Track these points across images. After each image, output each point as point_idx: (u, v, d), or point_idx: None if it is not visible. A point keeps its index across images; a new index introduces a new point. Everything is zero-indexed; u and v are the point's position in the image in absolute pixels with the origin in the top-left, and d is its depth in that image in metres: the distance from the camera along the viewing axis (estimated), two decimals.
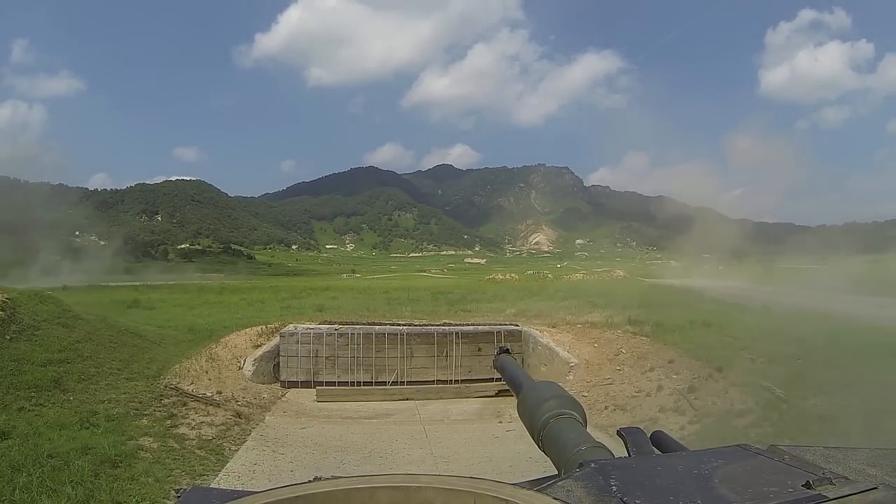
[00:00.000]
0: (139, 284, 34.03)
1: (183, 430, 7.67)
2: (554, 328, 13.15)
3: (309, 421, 9.30)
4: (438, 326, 13.04)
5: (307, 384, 11.48)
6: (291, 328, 12.44)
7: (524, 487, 0.75)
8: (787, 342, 9.65)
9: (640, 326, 12.41)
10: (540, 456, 1.11)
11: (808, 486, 0.75)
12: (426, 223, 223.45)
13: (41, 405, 7.38)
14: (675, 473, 0.86)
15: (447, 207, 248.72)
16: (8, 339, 8.76)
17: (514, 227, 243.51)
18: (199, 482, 5.97)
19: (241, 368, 11.04)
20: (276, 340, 12.05)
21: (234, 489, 0.82)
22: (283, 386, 11.48)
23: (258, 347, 11.84)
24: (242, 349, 11.70)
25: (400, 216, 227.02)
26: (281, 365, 11.76)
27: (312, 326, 12.69)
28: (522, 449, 6.10)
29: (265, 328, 12.65)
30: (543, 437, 1.09)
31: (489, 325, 13.55)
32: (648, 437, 1.12)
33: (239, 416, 8.75)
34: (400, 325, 13.24)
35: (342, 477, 0.77)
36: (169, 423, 7.75)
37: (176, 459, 6.49)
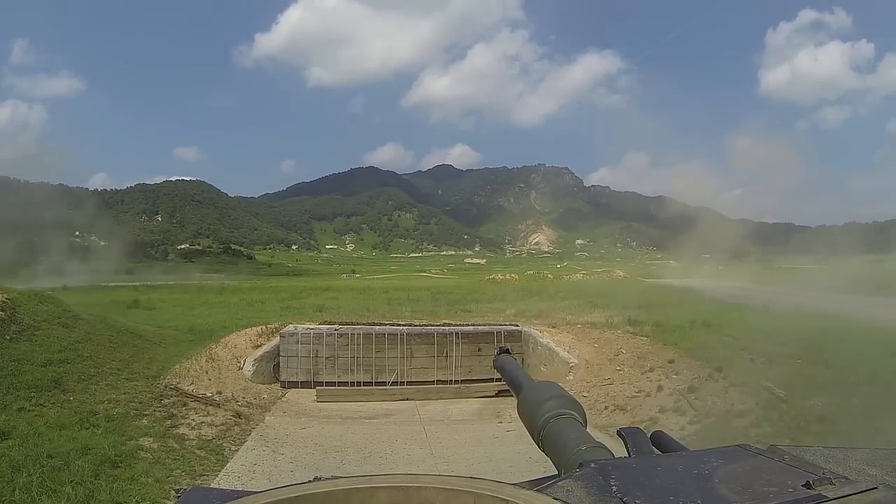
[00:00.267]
0: (139, 285, 34.01)
1: (183, 430, 7.67)
2: (554, 328, 13.15)
3: (309, 421, 9.30)
4: (438, 327, 13.04)
5: (307, 384, 11.49)
6: (291, 328, 12.43)
7: (524, 487, 0.75)
8: (786, 342, 9.64)
9: (640, 327, 12.40)
10: (540, 456, 1.11)
11: (808, 486, 0.75)
12: (426, 223, 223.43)
13: (41, 405, 7.38)
14: (675, 473, 0.85)
15: (447, 207, 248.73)
16: (8, 339, 8.76)
17: (514, 227, 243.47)
18: (199, 482, 5.97)
19: (241, 369, 11.04)
20: (276, 341, 12.05)
21: (234, 489, 0.82)
22: (283, 386, 11.48)
23: (258, 348, 11.84)
24: (242, 349, 11.70)
25: (400, 216, 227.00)
26: (281, 365, 11.75)
27: (312, 327, 12.69)
28: (522, 449, 6.10)
29: (265, 328, 12.65)
30: (543, 437, 1.08)
31: (489, 325, 13.55)
32: (648, 437, 1.11)
33: (239, 416, 8.75)
34: (400, 325, 13.24)
35: (342, 477, 0.77)
36: (169, 423, 7.75)
37: (176, 459, 6.49)
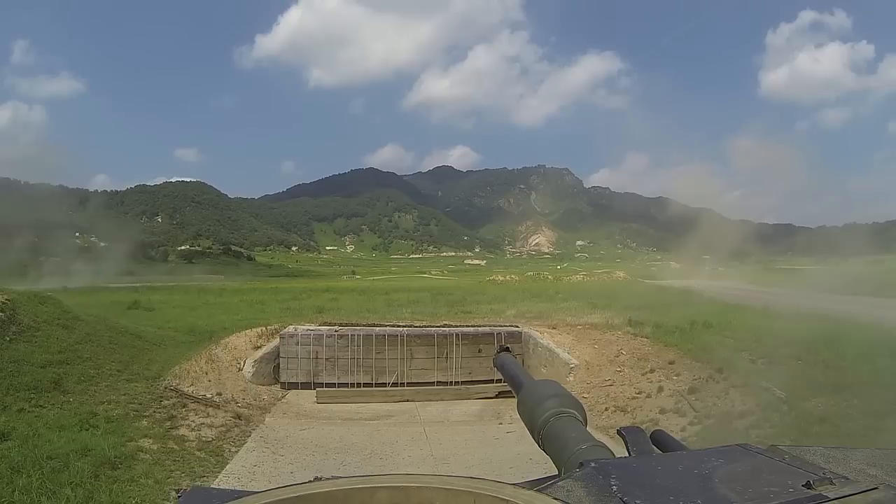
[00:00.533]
0: (139, 285, 34.03)
1: (183, 431, 7.66)
2: (554, 329, 13.12)
3: (309, 422, 9.28)
4: (438, 328, 13.01)
5: (307, 385, 11.46)
6: (291, 329, 12.41)
7: (524, 487, 0.75)
8: (787, 343, 9.60)
9: (640, 328, 12.37)
10: (541, 458, 1.10)
11: (808, 486, 0.75)
12: (426, 224, 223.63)
13: (41, 406, 7.37)
14: (675, 473, 0.85)
15: (447, 209, 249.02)
16: (7, 340, 8.75)
17: (514, 228, 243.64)
18: (198, 484, 5.95)
19: (241, 370, 11.02)
20: (276, 342, 12.02)
21: (234, 489, 0.82)
22: (283, 387, 11.45)
23: (258, 349, 11.81)
24: (242, 350, 11.68)
25: (400, 217, 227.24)
26: (281, 366, 11.74)
27: (312, 328, 12.67)
28: (523, 450, 6.09)
29: (265, 329, 12.62)
30: (543, 435, 1.08)
31: (489, 326, 13.53)
32: (648, 436, 1.12)
33: (239, 417, 8.74)
34: (400, 326, 13.21)
35: (342, 477, 0.77)
36: (169, 424, 7.73)
37: (176, 461, 6.48)
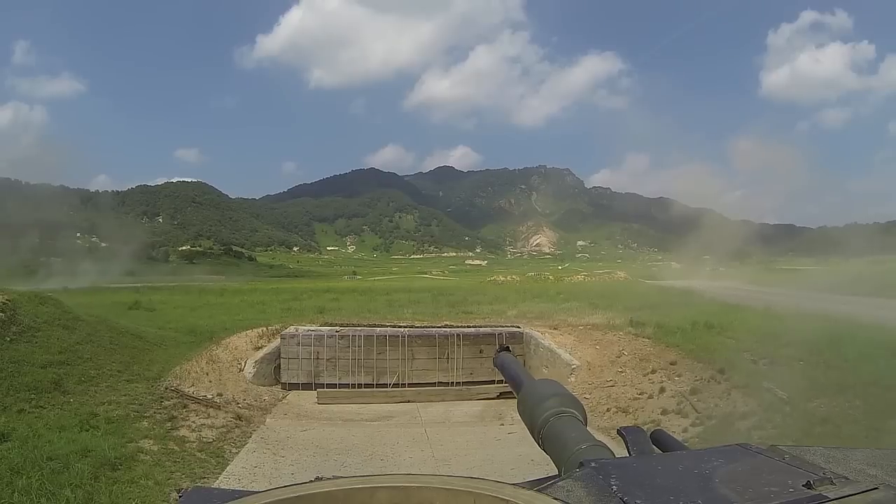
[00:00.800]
0: (140, 286, 34.05)
1: (183, 432, 7.65)
2: (555, 330, 13.09)
3: (310, 423, 9.27)
4: (440, 328, 12.99)
5: (308, 386, 11.45)
6: (292, 330, 12.40)
7: (524, 487, 0.75)
8: (788, 344, 9.57)
9: (641, 328, 12.34)
10: (542, 459, 1.09)
11: (808, 485, 0.75)
12: (427, 225, 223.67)
13: (41, 407, 7.36)
14: (675, 473, 0.85)
15: (448, 209, 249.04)
16: (8, 340, 8.74)
17: (515, 228, 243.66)
18: (199, 485, 5.94)
19: (241, 370, 11.01)
20: (276, 342, 12.01)
21: (235, 489, 0.81)
22: (283, 388, 11.44)
23: (259, 349, 11.80)
24: (243, 351, 11.67)
25: (401, 218, 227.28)
26: (282, 367, 11.72)
27: (313, 328, 12.66)
28: (524, 451, 6.07)
29: (266, 330, 12.61)
30: (544, 435, 1.07)
31: (490, 326, 13.50)
32: (649, 436, 1.11)
33: (239, 418, 8.73)
34: (401, 326, 13.19)
35: (343, 477, 0.77)
36: (169, 425, 7.73)
37: (176, 462, 6.47)
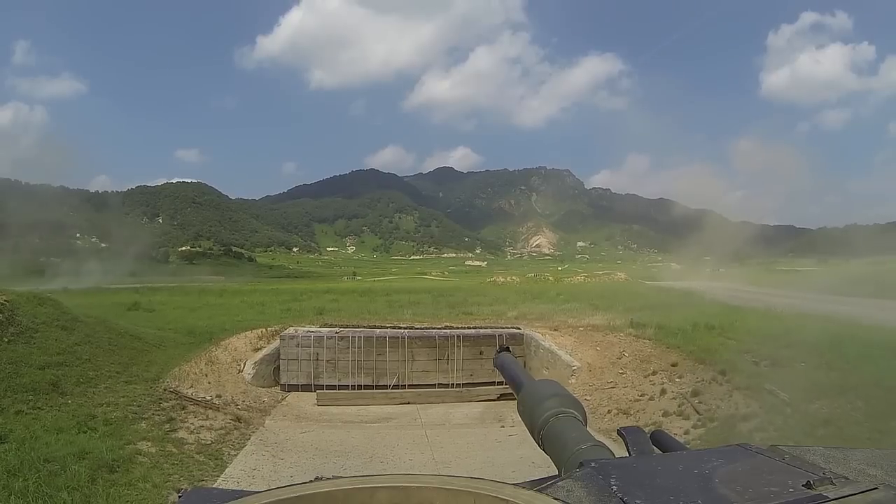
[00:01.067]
0: (140, 286, 34.00)
1: (182, 434, 7.61)
2: (556, 331, 13.05)
3: (309, 425, 9.22)
4: (440, 329, 12.95)
5: (307, 388, 11.40)
6: (292, 331, 12.36)
7: (524, 487, 0.75)
8: (789, 345, 9.55)
9: (642, 329, 12.31)
10: (543, 461, 1.08)
11: (808, 486, 0.75)
12: (427, 226, 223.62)
13: (39, 408, 7.33)
14: (675, 473, 0.85)
15: (448, 210, 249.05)
16: (6, 341, 8.71)
17: (514, 229, 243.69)
18: (198, 485, 5.90)
19: (240, 372, 10.97)
20: (276, 343, 11.97)
21: (235, 489, 0.82)
22: (283, 389, 11.39)
23: (258, 350, 11.76)
24: (242, 352, 11.63)
25: (401, 219, 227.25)
26: (281, 368, 11.68)
27: (313, 329, 12.62)
28: (525, 454, 6.03)
29: (265, 331, 12.57)
30: (543, 435, 1.08)
31: (491, 328, 13.46)
32: (648, 436, 1.12)
33: (238, 420, 8.68)
34: (401, 328, 13.15)
35: (343, 477, 0.77)
36: (168, 427, 7.69)
37: (174, 464, 6.43)
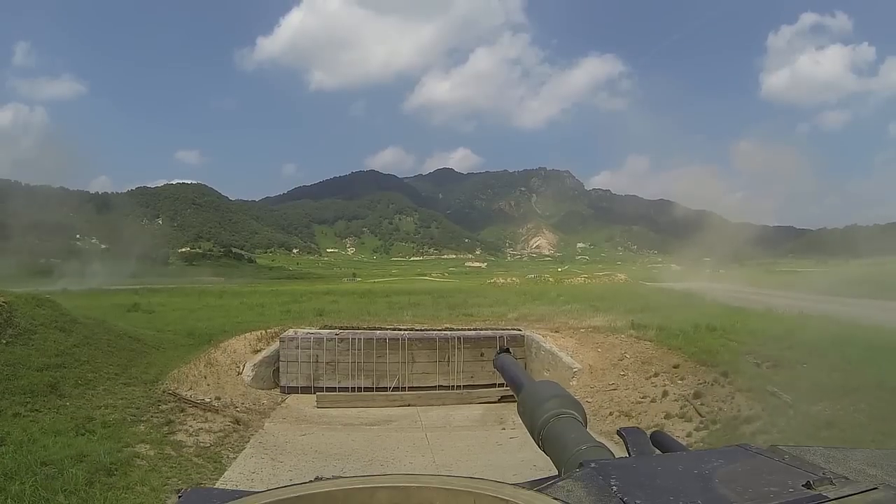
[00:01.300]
0: (139, 288, 33.98)
1: (180, 436, 7.56)
2: (556, 333, 13.00)
3: (309, 427, 9.16)
4: (440, 331, 12.89)
5: (307, 390, 11.34)
6: (291, 333, 12.31)
7: (524, 487, 0.76)
8: (791, 346, 9.52)
9: (643, 331, 12.26)
10: (545, 464, 1.07)
11: (808, 486, 0.76)
12: (427, 227, 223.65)
13: (36, 411, 7.29)
14: (675, 473, 0.86)
15: (448, 211, 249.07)
16: (4, 343, 8.68)
17: (514, 230, 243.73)
18: (198, 485, 5.86)
19: (240, 374, 10.92)
20: (275, 345, 11.91)
21: (234, 489, 0.82)
22: (282, 391, 11.33)
23: (258, 352, 11.70)
24: (242, 354, 11.58)
25: (401, 220, 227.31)
26: (281, 370, 11.62)
27: (313, 331, 12.57)
28: (527, 457, 5.98)
29: (265, 333, 12.52)
30: (543, 436, 1.09)
31: (491, 329, 13.41)
32: (648, 437, 1.12)
33: (237, 422, 8.63)
34: (401, 329, 13.10)
35: (343, 477, 0.78)
36: (166, 429, 7.64)
37: (173, 467, 6.38)
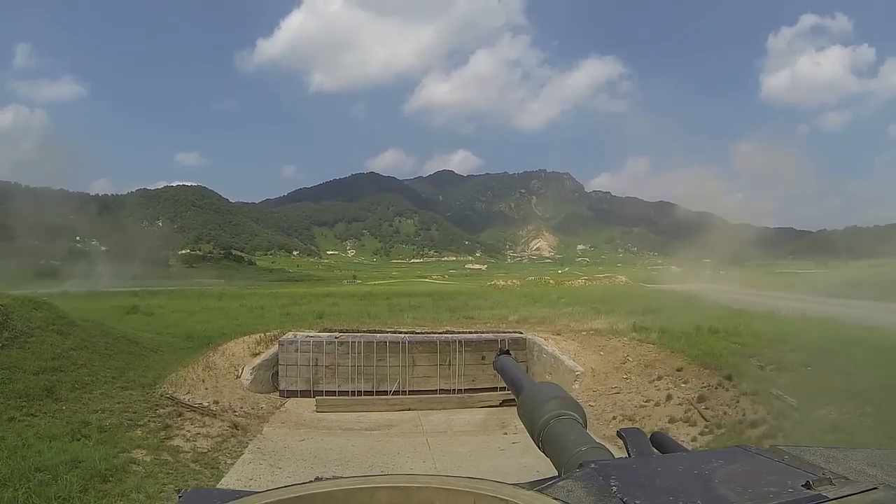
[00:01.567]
0: (139, 290, 33.87)
1: (177, 441, 7.46)
2: (558, 335, 12.90)
3: (308, 432, 9.06)
4: (441, 334, 12.80)
5: (306, 394, 11.25)
6: (291, 336, 12.21)
7: (524, 487, 0.76)
8: (794, 349, 9.44)
9: (645, 333, 12.17)
10: (548, 470, 1.06)
11: (808, 486, 0.76)
12: (427, 229, 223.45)
13: (32, 415, 7.20)
14: (675, 474, 0.86)
15: (448, 213, 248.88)
16: (0, 346, 8.57)
17: (514, 232, 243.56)
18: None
19: (238, 377, 10.83)
20: (274, 348, 11.81)
21: (234, 490, 0.82)
22: (281, 395, 11.24)
23: (257, 356, 11.62)
24: (240, 357, 11.49)
25: (401, 222, 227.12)
26: (280, 374, 11.52)
27: (312, 334, 12.47)
28: (530, 462, 5.87)
29: (264, 336, 12.43)
30: (543, 437, 1.09)
31: (493, 332, 13.32)
32: (648, 437, 1.13)
33: (236, 427, 8.53)
34: (401, 332, 13.01)
35: (343, 477, 0.78)
36: (163, 434, 7.54)
37: (169, 474, 6.28)
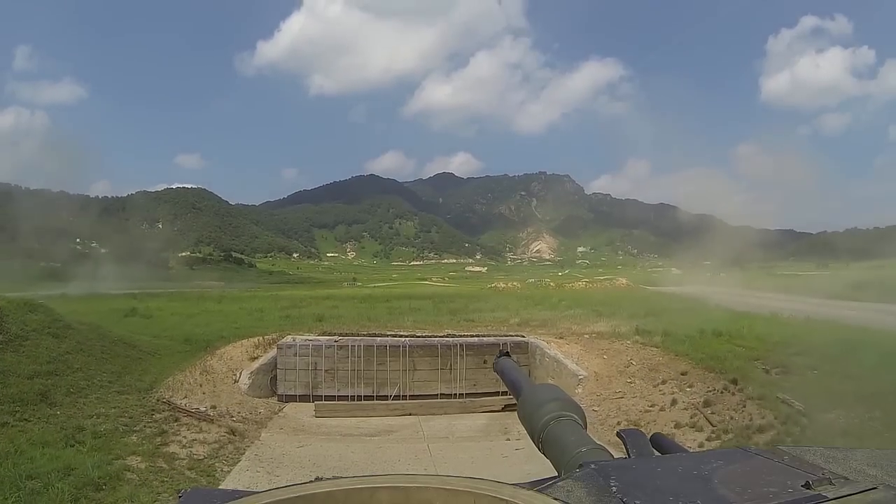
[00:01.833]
0: (137, 292, 33.70)
1: (173, 448, 7.33)
2: (561, 339, 12.76)
3: (307, 438, 8.92)
4: (442, 338, 12.66)
5: (305, 398, 11.10)
6: (289, 340, 12.07)
7: (524, 487, 0.75)
8: (800, 352, 9.32)
9: (649, 336, 12.03)
10: (551, 475, 1.00)
11: (807, 486, 0.75)
12: (427, 231, 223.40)
13: (26, 420, 7.09)
14: (675, 474, 0.86)
15: (448, 216, 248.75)
16: None
17: (515, 235, 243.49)
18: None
19: (236, 381, 10.69)
20: (273, 352, 11.68)
21: (234, 489, 0.82)
22: (280, 400, 11.10)
23: (255, 360, 11.49)
24: (238, 361, 11.36)
25: (401, 224, 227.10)
26: (278, 378, 11.39)
27: (311, 338, 12.33)
28: (533, 469, 5.69)
29: (262, 340, 12.30)
30: (543, 439, 1.09)
31: (494, 336, 13.19)
32: (648, 439, 1.12)
33: (233, 432, 8.39)
34: (402, 336, 12.86)
35: (343, 477, 0.78)
36: (159, 440, 7.42)
37: (164, 482, 6.15)
